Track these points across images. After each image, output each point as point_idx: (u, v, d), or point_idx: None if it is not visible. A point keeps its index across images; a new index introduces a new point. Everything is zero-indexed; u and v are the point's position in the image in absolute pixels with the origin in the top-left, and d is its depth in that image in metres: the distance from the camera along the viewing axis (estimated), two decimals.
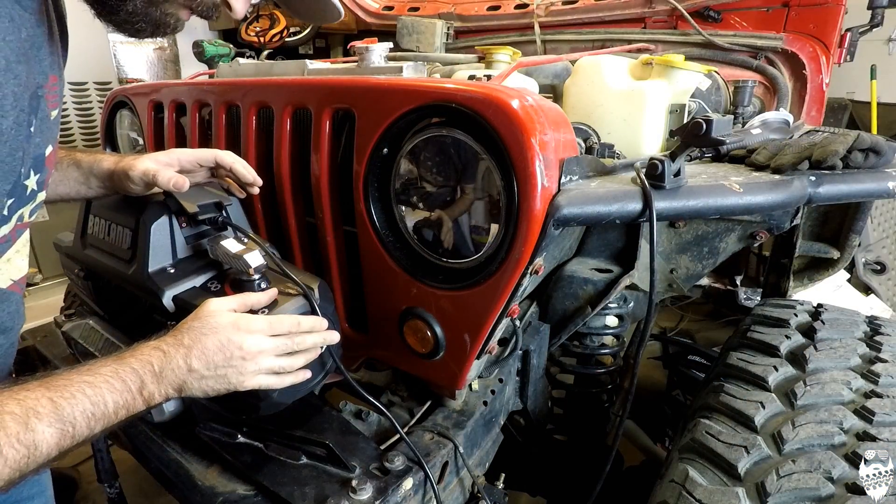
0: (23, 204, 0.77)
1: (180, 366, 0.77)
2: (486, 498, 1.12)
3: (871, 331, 1.16)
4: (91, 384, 0.68)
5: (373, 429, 1.18)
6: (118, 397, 0.70)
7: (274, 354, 0.84)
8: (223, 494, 1.00)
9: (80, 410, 0.66)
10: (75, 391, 0.66)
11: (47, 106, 0.76)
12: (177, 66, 4.09)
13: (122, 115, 1.76)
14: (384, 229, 1.08)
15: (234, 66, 1.49)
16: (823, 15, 1.71)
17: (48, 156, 0.79)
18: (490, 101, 0.87)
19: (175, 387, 0.77)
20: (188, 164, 1.03)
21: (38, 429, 0.61)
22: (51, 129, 0.79)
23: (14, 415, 0.60)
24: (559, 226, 0.88)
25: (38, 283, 3.23)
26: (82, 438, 0.67)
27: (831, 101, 3.67)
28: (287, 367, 0.86)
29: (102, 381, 0.69)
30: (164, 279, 0.96)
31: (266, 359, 0.83)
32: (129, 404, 0.72)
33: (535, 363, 1.35)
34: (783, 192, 0.99)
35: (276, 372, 0.85)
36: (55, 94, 0.78)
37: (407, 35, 2.25)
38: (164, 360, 0.76)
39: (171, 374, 0.76)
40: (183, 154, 1.03)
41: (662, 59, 1.34)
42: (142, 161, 0.99)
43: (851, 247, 1.42)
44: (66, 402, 0.65)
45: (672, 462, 0.98)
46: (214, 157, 1.05)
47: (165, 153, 1.02)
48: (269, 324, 0.84)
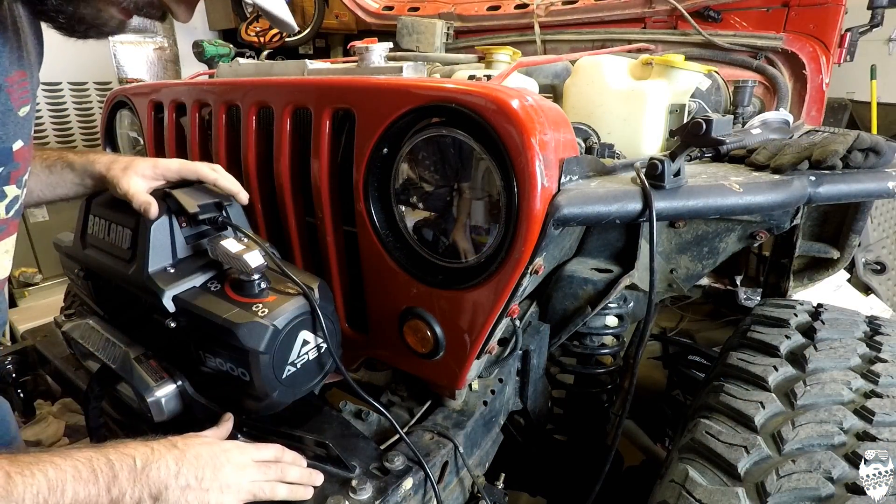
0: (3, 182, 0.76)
1: (169, 466, 0.73)
2: (486, 498, 1.12)
3: (871, 331, 1.16)
4: (57, 466, 0.64)
5: (373, 429, 1.18)
6: (80, 488, 0.65)
7: (259, 476, 0.84)
8: None
9: (32, 493, 0.61)
10: (36, 470, 0.62)
11: (10, 100, 0.75)
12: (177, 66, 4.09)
13: (122, 115, 1.76)
14: (384, 229, 1.08)
15: (234, 66, 1.49)
16: (823, 15, 1.71)
17: (17, 150, 0.79)
18: (490, 101, 0.87)
19: (154, 491, 0.72)
20: (172, 178, 1.04)
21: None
22: (19, 125, 0.78)
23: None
24: (559, 226, 0.88)
25: (38, 283, 3.23)
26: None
27: (831, 101, 3.67)
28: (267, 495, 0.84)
29: (70, 466, 0.65)
30: (164, 279, 0.96)
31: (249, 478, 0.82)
32: (90, 499, 0.66)
33: (535, 363, 1.35)
34: (783, 192, 0.99)
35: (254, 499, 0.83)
36: (25, 90, 0.77)
37: (407, 35, 2.25)
38: (149, 457, 0.72)
39: (155, 474, 0.72)
40: (168, 170, 1.03)
41: (662, 59, 1.34)
42: (126, 178, 1.00)
43: (851, 247, 1.42)
44: (21, 480, 0.61)
45: (672, 462, 0.98)
46: (197, 173, 1.04)
47: (152, 167, 1.03)
48: (255, 447, 0.86)
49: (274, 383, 0.91)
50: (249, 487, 0.82)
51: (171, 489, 0.73)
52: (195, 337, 0.95)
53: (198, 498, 0.75)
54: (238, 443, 0.85)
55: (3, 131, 0.75)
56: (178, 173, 1.04)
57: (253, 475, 0.84)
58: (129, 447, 0.72)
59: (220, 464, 0.79)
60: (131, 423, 1.21)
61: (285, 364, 0.92)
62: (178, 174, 1.04)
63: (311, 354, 0.97)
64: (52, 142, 3.31)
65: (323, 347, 0.98)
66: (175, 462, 0.74)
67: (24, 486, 0.60)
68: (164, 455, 0.73)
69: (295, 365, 0.94)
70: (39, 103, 3.18)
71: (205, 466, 0.77)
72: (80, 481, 0.65)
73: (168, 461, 0.73)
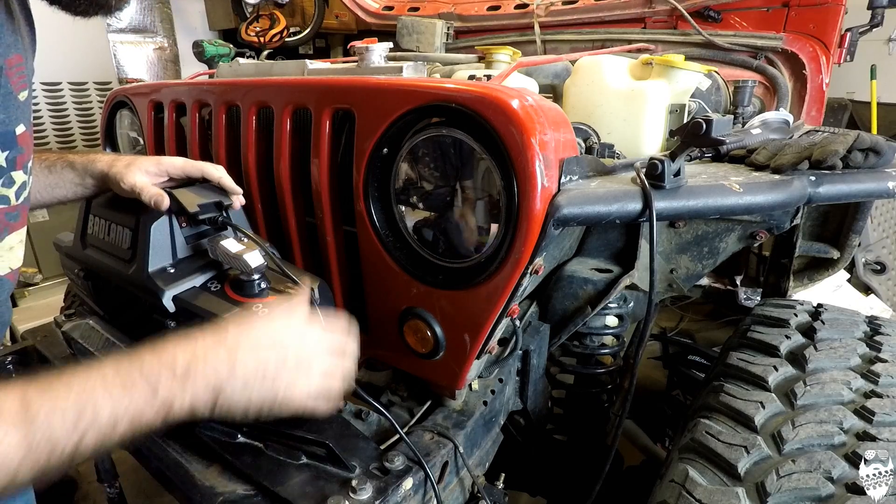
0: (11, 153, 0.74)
1: (222, 360, 0.62)
2: (486, 498, 1.12)
3: (871, 331, 1.16)
4: (83, 381, 0.54)
5: (373, 429, 1.18)
6: (116, 404, 0.55)
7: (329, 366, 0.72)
8: (223, 494, 1.00)
9: (59, 416, 0.51)
10: (61, 390, 0.53)
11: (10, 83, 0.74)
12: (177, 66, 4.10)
13: (122, 115, 1.76)
14: (384, 229, 1.08)
15: (234, 66, 1.49)
16: (823, 15, 1.71)
17: (20, 135, 0.78)
18: (490, 101, 0.87)
19: (208, 388, 0.61)
20: (176, 175, 1.04)
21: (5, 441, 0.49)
22: (20, 109, 0.78)
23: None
24: (559, 226, 0.88)
25: (38, 283, 3.23)
26: (67, 455, 0.53)
27: (831, 101, 3.67)
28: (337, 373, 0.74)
29: (98, 380, 0.55)
30: (164, 279, 0.96)
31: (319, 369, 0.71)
32: (133, 414, 0.56)
33: (535, 363, 1.35)
34: (783, 192, 0.99)
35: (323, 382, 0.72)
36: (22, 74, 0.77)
37: (407, 35, 2.25)
38: (195, 358, 0.60)
39: (203, 375, 0.60)
40: (172, 167, 1.03)
41: (662, 59, 1.34)
42: (131, 173, 0.99)
43: (851, 247, 1.42)
44: (44, 403, 0.52)
45: (672, 462, 0.98)
46: (202, 171, 1.04)
47: (156, 163, 1.02)
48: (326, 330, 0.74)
49: None
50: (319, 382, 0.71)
51: (227, 392, 0.62)
52: None
53: (262, 393, 0.65)
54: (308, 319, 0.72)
55: (5, 115, 0.74)
56: (182, 170, 1.04)
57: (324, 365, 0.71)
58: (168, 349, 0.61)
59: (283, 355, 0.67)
60: None
61: None
62: (182, 171, 1.04)
63: None
64: (52, 142, 3.30)
65: None
66: (228, 357, 0.63)
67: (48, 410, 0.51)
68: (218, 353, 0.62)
69: None
70: (39, 103, 3.18)
71: (266, 361, 0.65)
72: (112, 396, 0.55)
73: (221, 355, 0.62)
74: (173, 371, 0.59)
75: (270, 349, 0.66)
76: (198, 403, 0.61)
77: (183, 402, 0.59)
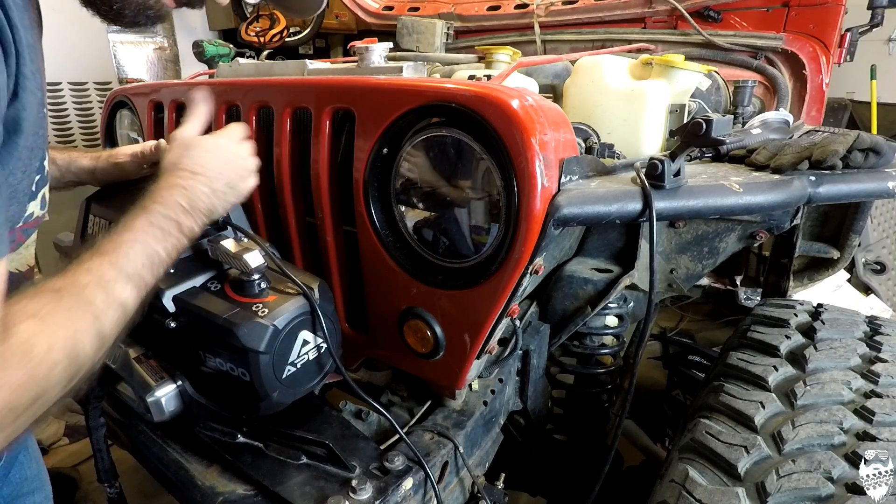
0: (44, 183, 0.80)
1: (205, 192, 0.82)
2: (486, 498, 1.12)
3: (871, 331, 1.16)
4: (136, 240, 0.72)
5: (373, 429, 1.18)
6: (166, 243, 0.75)
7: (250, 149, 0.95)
8: (223, 494, 1.00)
9: (140, 265, 0.71)
10: (127, 250, 0.71)
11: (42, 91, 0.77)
12: (177, 66, 4.09)
13: (122, 115, 1.76)
14: (384, 229, 1.08)
15: (234, 66, 1.49)
16: (823, 15, 1.71)
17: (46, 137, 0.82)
18: (490, 101, 0.87)
19: (206, 213, 0.83)
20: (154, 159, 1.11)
21: (117, 289, 0.67)
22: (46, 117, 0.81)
23: (92, 284, 0.65)
24: (559, 226, 0.88)
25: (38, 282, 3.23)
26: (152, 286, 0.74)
27: (831, 101, 3.67)
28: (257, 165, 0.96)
29: (144, 235, 0.74)
30: (164, 279, 0.96)
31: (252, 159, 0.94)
32: (176, 245, 0.77)
33: (535, 363, 1.34)
34: (783, 192, 0.99)
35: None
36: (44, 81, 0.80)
37: (407, 35, 2.25)
38: (188, 195, 0.81)
39: (200, 203, 0.82)
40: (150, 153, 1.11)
41: (662, 59, 1.34)
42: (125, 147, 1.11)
43: (851, 247, 1.42)
44: (127, 262, 0.69)
45: (672, 462, 0.98)
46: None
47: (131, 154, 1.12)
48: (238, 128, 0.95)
49: (274, 383, 0.91)
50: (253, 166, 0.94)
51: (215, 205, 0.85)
52: (195, 337, 0.95)
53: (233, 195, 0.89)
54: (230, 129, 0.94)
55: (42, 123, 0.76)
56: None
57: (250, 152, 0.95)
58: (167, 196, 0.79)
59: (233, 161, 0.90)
60: (131, 422, 1.21)
61: (285, 364, 0.92)
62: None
63: (311, 354, 0.97)
64: (52, 142, 3.31)
65: (323, 347, 0.98)
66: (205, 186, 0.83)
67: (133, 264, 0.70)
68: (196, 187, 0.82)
69: (295, 365, 0.94)
70: None
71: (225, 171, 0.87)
72: (160, 240, 0.75)
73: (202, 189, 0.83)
74: (183, 209, 0.79)
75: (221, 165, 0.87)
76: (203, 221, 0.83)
77: (197, 225, 0.81)
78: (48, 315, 0.59)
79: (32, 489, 0.97)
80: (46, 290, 0.62)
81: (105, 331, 0.64)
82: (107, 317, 0.64)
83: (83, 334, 0.61)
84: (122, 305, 0.67)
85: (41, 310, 0.59)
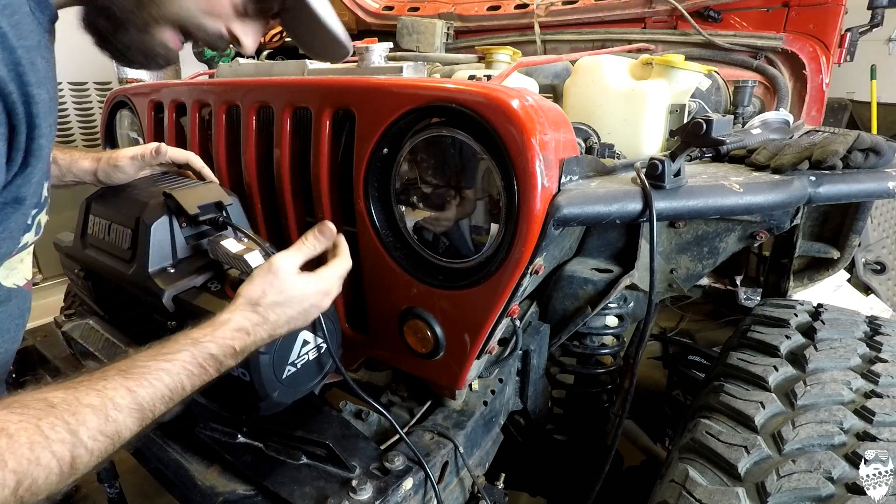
0: (40, 210, 0.80)
1: (265, 339, 0.81)
2: (486, 498, 1.12)
3: (871, 331, 1.16)
4: (169, 372, 0.70)
5: (373, 429, 1.18)
6: (196, 381, 0.73)
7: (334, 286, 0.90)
8: (223, 494, 1.00)
9: (158, 396, 0.68)
10: (153, 380, 0.68)
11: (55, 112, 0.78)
12: (177, 67, 4.08)
13: (122, 115, 1.76)
14: (384, 229, 1.08)
15: (234, 66, 1.49)
16: (823, 15, 1.71)
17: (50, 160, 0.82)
18: (490, 101, 0.87)
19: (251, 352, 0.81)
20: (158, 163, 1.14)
21: (118, 419, 0.63)
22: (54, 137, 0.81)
23: (94, 407, 0.61)
24: (559, 226, 0.88)
25: (38, 283, 3.23)
26: (160, 417, 0.70)
27: (831, 101, 3.67)
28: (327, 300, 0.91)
29: (180, 369, 0.71)
30: (164, 279, 0.96)
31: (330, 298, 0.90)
32: (206, 381, 0.75)
33: (535, 363, 1.34)
34: (783, 192, 0.99)
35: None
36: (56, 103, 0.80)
37: (407, 35, 2.25)
38: (246, 342, 0.78)
39: (253, 347, 0.80)
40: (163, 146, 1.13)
41: (662, 59, 1.34)
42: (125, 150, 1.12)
43: (851, 247, 1.42)
44: (145, 391, 0.67)
45: (672, 462, 0.98)
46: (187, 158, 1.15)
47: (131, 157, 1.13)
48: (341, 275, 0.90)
49: (274, 383, 0.91)
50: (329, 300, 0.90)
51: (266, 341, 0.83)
52: None
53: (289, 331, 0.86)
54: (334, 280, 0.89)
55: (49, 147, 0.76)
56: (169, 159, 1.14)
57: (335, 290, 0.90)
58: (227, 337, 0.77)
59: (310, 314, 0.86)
60: None
61: (285, 364, 0.92)
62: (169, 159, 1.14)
63: (311, 354, 0.97)
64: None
65: (323, 347, 0.98)
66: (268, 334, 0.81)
67: (151, 396, 0.67)
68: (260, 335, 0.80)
69: (295, 365, 0.94)
70: None
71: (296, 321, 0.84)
72: (194, 377, 0.72)
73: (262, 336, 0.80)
74: (234, 354, 0.77)
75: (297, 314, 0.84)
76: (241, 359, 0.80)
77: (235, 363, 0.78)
78: (15, 435, 0.54)
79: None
80: (37, 402, 0.58)
81: (80, 462, 0.59)
82: (88, 449, 0.59)
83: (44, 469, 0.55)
84: (115, 436, 0.63)
85: (10, 427, 0.54)
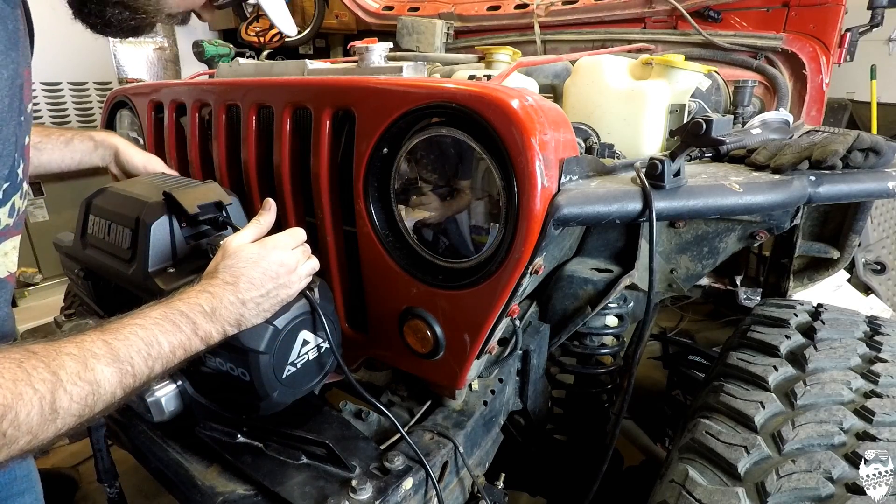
0: (15, 191, 0.79)
1: (232, 301, 0.81)
2: (486, 498, 1.12)
3: (871, 331, 1.16)
4: (142, 326, 0.71)
5: (373, 429, 1.18)
6: (172, 338, 0.73)
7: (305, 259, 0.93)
8: (223, 494, 1.00)
9: (135, 350, 0.69)
10: (128, 333, 0.69)
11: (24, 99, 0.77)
12: (177, 66, 4.09)
13: (122, 115, 1.76)
14: (384, 229, 1.08)
15: (234, 66, 1.49)
16: (823, 15, 1.71)
17: (26, 146, 0.81)
18: (490, 101, 0.87)
19: (233, 322, 0.81)
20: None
21: (97, 368, 0.64)
22: (28, 122, 0.81)
23: (72, 355, 0.63)
24: (559, 226, 0.88)
25: (38, 283, 3.23)
26: (144, 378, 0.70)
27: (831, 101, 3.67)
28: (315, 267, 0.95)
29: (152, 324, 0.72)
30: (164, 279, 0.96)
31: (303, 266, 0.92)
32: (185, 344, 0.75)
33: (535, 363, 1.35)
34: (783, 192, 0.99)
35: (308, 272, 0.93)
36: (29, 88, 0.80)
37: (407, 35, 2.25)
38: (213, 301, 0.79)
39: (226, 311, 0.80)
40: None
41: (662, 59, 1.34)
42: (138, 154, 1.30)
43: (851, 247, 1.42)
44: (121, 343, 0.68)
45: (672, 462, 0.98)
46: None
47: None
48: (290, 237, 0.92)
49: (274, 383, 0.91)
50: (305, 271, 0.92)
51: (245, 315, 0.82)
52: None
53: (271, 303, 0.86)
54: (278, 238, 0.91)
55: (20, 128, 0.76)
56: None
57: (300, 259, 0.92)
58: (192, 296, 0.78)
59: (275, 272, 0.86)
60: (131, 422, 1.21)
61: (285, 364, 0.92)
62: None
63: (312, 354, 0.97)
64: None
65: (323, 347, 0.98)
66: (234, 296, 0.81)
67: (127, 348, 0.68)
68: (224, 295, 0.80)
69: (295, 365, 0.94)
70: (39, 103, 3.18)
71: (263, 283, 0.84)
72: (168, 332, 0.73)
73: (229, 298, 0.81)
74: (204, 312, 0.78)
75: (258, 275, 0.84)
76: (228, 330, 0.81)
77: (217, 332, 0.79)
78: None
79: (22, 490, 0.97)
80: (17, 350, 0.60)
81: (60, 405, 0.60)
82: (68, 392, 0.61)
83: (26, 404, 0.57)
84: (94, 384, 0.63)
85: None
